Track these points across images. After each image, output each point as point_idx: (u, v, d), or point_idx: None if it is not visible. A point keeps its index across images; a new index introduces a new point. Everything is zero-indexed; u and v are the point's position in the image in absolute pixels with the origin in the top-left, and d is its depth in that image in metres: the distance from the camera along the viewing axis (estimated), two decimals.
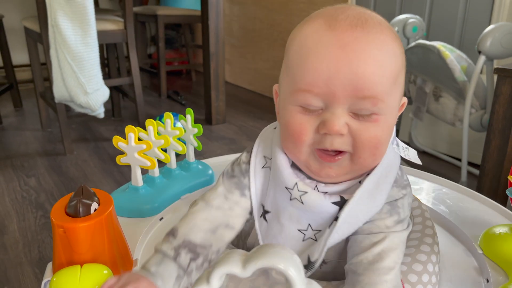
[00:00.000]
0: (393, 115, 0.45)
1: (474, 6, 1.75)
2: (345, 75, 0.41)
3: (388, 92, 0.43)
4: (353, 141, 0.43)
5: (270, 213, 0.50)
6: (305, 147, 0.45)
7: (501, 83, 1.18)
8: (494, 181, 1.21)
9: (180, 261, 0.46)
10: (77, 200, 0.47)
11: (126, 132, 0.65)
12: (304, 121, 0.44)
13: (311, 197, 0.46)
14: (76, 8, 1.64)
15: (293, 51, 0.45)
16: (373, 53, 0.41)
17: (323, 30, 0.42)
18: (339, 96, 0.42)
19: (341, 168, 0.45)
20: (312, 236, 0.48)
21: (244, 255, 0.31)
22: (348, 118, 0.43)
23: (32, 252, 1.23)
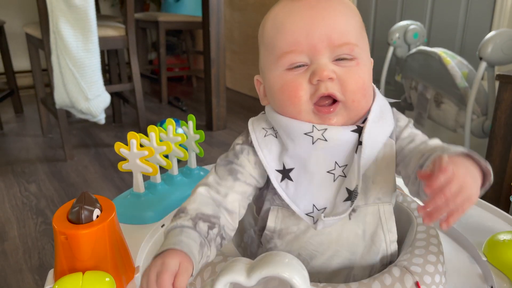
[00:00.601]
0: (368, 59, 0.52)
1: (475, 13, 1.76)
2: (321, 29, 0.47)
3: (359, 39, 0.50)
4: (342, 86, 0.48)
5: (295, 169, 0.51)
6: (303, 104, 0.49)
7: (503, 90, 1.18)
8: (497, 188, 1.21)
9: (199, 229, 0.47)
10: (79, 207, 0.47)
11: (128, 138, 0.65)
12: (295, 78, 0.49)
13: (332, 131, 0.49)
14: (78, 14, 1.64)
15: (268, 28, 0.51)
16: (339, 8, 0.49)
17: (289, 3, 0.50)
18: (320, 48, 0.48)
19: (339, 117, 0.49)
20: (341, 173, 0.51)
21: (249, 263, 0.31)
22: (333, 66, 0.48)
23: (32, 259, 1.22)
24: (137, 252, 0.59)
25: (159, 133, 0.72)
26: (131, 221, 0.67)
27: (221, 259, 0.52)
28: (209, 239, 0.47)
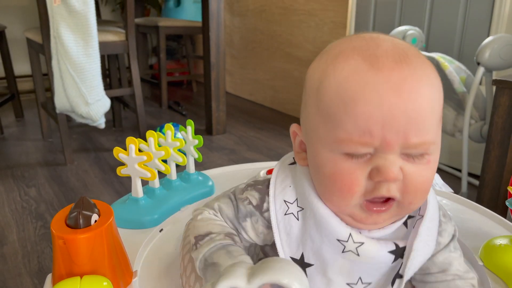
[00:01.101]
0: (439, 152, 0.42)
1: (473, 18, 1.77)
2: (400, 122, 0.37)
3: (437, 131, 0.40)
4: (404, 186, 0.39)
5: (313, 267, 0.45)
6: (355, 200, 0.40)
7: (499, 95, 1.18)
8: (494, 192, 1.21)
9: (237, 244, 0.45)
10: (77, 212, 0.48)
11: (127, 143, 0.66)
12: (353, 169, 0.39)
13: (368, 247, 0.42)
14: (79, 19, 1.66)
15: (331, 95, 0.40)
16: (425, 94, 0.38)
17: (365, 71, 0.38)
18: (393, 143, 0.38)
19: (388, 215, 0.42)
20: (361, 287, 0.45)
21: (250, 268, 0.31)
22: (401, 162, 0.39)
23: (32, 263, 1.22)
24: (135, 257, 0.59)
25: (157, 138, 0.73)
26: (129, 225, 0.67)
27: None
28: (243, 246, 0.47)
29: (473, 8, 1.76)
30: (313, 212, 0.44)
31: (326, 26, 2.38)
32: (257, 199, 0.47)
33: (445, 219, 0.47)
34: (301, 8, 2.52)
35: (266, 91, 2.96)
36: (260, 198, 0.47)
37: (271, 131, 2.44)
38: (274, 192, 0.47)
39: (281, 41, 2.72)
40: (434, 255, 0.46)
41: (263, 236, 0.48)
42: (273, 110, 2.89)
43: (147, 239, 0.64)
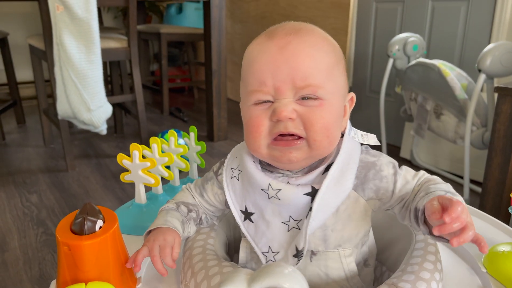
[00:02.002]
0: (336, 101, 0.52)
1: (474, 25, 1.78)
2: (285, 71, 0.49)
3: (324, 81, 0.50)
4: (304, 124, 0.50)
5: (255, 214, 0.56)
6: (263, 139, 0.51)
7: (501, 102, 1.18)
8: (497, 199, 1.21)
9: (180, 210, 0.60)
10: (82, 218, 0.48)
11: (131, 150, 0.66)
12: (259, 113, 0.51)
13: (285, 192, 0.52)
14: (81, 26, 1.67)
15: (244, 62, 0.54)
16: (305, 51, 0.50)
17: (264, 41, 0.52)
18: (283, 89, 0.49)
19: (300, 152, 0.51)
20: (295, 225, 0.54)
21: (250, 274, 0.31)
22: (296, 105, 0.50)
23: (33, 270, 1.22)
24: None
25: (161, 145, 0.73)
26: (133, 231, 0.67)
27: (215, 263, 0.52)
28: (189, 218, 0.60)
29: (473, 15, 1.77)
30: (246, 172, 0.56)
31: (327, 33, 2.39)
32: (216, 167, 0.63)
33: (375, 158, 0.55)
34: (302, 15, 2.53)
35: None
36: (218, 167, 0.62)
37: None
38: (227, 162, 0.60)
39: None
40: (394, 188, 0.54)
41: (218, 196, 0.61)
42: None
43: None
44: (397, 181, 0.54)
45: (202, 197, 0.62)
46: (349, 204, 0.54)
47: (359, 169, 0.54)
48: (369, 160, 0.55)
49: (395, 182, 0.54)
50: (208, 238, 0.59)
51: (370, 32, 2.21)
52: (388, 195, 0.54)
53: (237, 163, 0.59)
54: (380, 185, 0.54)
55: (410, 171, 0.56)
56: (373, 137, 0.60)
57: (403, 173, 0.55)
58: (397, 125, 2.13)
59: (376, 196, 0.54)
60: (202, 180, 0.64)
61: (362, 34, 2.25)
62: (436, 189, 0.51)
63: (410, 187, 0.54)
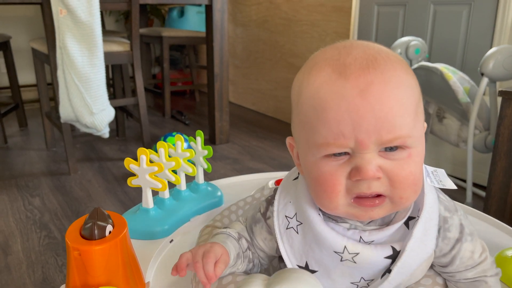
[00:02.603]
0: (422, 145, 0.45)
1: (476, 29, 1.78)
2: (369, 122, 0.40)
3: (413, 126, 0.42)
4: (390, 182, 0.42)
5: (318, 272, 0.49)
6: (341, 199, 0.43)
7: (505, 106, 1.19)
8: (501, 203, 1.21)
9: (241, 243, 0.52)
10: (92, 223, 0.48)
11: (138, 154, 0.66)
12: (334, 170, 0.42)
13: (364, 255, 0.45)
14: (84, 30, 1.67)
15: (306, 105, 0.44)
16: (392, 94, 0.41)
17: (334, 80, 0.41)
18: (367, 142, 0.40)
19: (383, 210, 0.44)
20: (365, 285, 0.48)
21: (266, 279, 0.31)
22: (380, 160, 0.42)
23: (36, 273, 1.22)
24: (147, 268, 0.59)
25: (168, 149, 0.73)
26: (140, 236, 0.67)
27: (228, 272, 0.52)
28: (245, 255, 0.53)
29: (475, 19, 1.77)
30: (310, 228, 0.47)
31: (329, 37, 2.39)
32: (264, 207, 0.53)
33: (449, 213, 0.48)
34: (304, 19, 2.54)
35: (269, 101, 2.97)
36: (265, 207, 0.53)
37: (274, 140, 2.44)
38: (278, 207, 0.51)
39: (283, 51, 2.74)
40: (450, 250, 0.47)
41: (267, 242, 0.53)
42: (276, 119, 2.90)
43: (158, 250, 0.64)
44: (454, 249, 0.47)
45: (252, 239, 0.54)
46: (424, 265, 0.48)
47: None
48: (443, 215, 0.48)
49: (452, 248, 0.47)
50: None
51: (372, 35, 2.21)
52: (439, 255, 0.48)
53: (293, 211, 0.50)
54: (440, 244, 0.47)
55: (476, 246, 0.49)
56: (443, 174, 0.53)
57: (465, 246, 0.48)
58: None
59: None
60: (250, 220, 0.55)
61: (364, 38, 2.26)
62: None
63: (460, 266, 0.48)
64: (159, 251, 0.64)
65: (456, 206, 0.50)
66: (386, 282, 0.45)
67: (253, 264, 0.54)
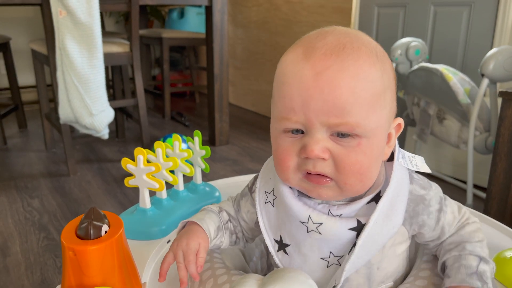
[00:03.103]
0: (378, 138, 0.45)
1: (476, 30, 1.78)
2: (318, 103, 0.42)
3: (364, 117, 0.43)
4: (335, 166, 0.44)
5: (290, 246, 0.51)
6: (291, 173, 0.46)
7: (506, 107, 1.18)
8: (501, 204, 1.21)
9: (221, 216, 0.56)
10: (87, 222, 0.47)
11: (135, 154, 0.66)
12: (287, 145, 0.46)
13: (327, 226, 0.47)
14: (84, 31, 1.67)
15: (275, 79, 0.47)
16: (345, 82, 0.42)
17: (299, 60, 0.44)
18: (314, 122, 0.43)
19: (330, 191, 0.46)
20: (336, 261, 0.49)
21: (260, 279, 0.31)
22: (330, 143, 0.44)
23: (35, 275, 1.21)
24: (144, 268, 0.58)
25: (165, 149, 0.73)
26: (137, 236, 0.67)
27: (224, 272, 0.52)
28: (226, 227, 0.56)
29: (476, 20, 1.77)
30: (281, 199, 0.50)
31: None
32: (251, 183, 0.58)
33: (425, 190, 0.50)
34: (304, 19, 2.54)
35: (269, 102, 2.94)
36: (252, 182, 0.58)
37: None
38: (260, 183, 0.55)
39: (284, 52, 2.73)
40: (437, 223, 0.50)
41: (249, 215, 0.57)
42: None
43: (155, 250, 0.63)
44: (440, 219, 0.51)
45: (238, 212, 0.58)
46: (396, 240, 0.50)
47: (408, 202, 0.49)
48: (419, 193, 0.50)
49: (438, 220, 0.50)
50: None
51: (372, 36, 2.20)
52: (428, 232, 0.51)
53: (271, 187, 0.53)
54: (426, 221, 0.50)
55: (454, 207, 0.53)
56: (421, 160, 0.55)
57: (448, 211, 0.51)
58: None
59: (419, 230, 0.51)
60: (239, 196, 0.60)
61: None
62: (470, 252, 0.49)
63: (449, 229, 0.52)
64: (156, 252, 0.64)
65: (429, 182, 0.52)
66: (353, 257, 0.46)
67: (236, 236, 0.58)
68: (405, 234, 0.50)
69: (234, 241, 0.58)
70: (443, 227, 0.51)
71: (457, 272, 0.47)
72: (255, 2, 2.92)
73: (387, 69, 0.46)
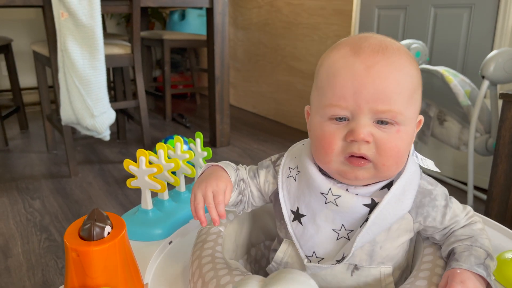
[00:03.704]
0: (411, 127, 0.52)
1: (476, 32, 1.78)
2: (369, 91, 0.48)
3: (405, 106, 0.50)
4: (377, 149, 0.49)
5: (306, 216, 0.56)
6: (335, 156, 0.51)
7: (506, 108, 1.18)
8: (502, 206, 1.21)
9: (238, 173, 0.60)
10: (90, 224, 0.48)
11: (137, 155, 0.66)
12: (333, 131, 0.51)
13: (345, 199, 0.52)
14: (85, 33, 1.67)
15: (323, 73, 0.53)
16: (392, 74, 0.49)
17: (349, 56, 0.50)
18: (363, 108, 0.48)
19: (367, 172, 0.51)
20: (345, 235, 0.54)
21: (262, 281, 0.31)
22: (373, 128, 0.49)
23: (36, 276, 1.22)
24: (146, 269, 0.59)
25: (167, 151, 0.73)
26: (139, 237, 0.67)
27: (226, 272, 0.52)
28: (238, 184, 0.60)
29: (476, 22, 1.77)
30: (305, 174, 0.56)
31: (330, 40, 2.40)
32: (275, 157, 0.62)
33: (432, 186, 0.56)
34: (305, 22, 2.54)
35: (270, 103, 2.97)
36: (277, 157, 0.62)
37: (275, 143, 2.44)
38: (285, 160, 0.60)
39: (284, 54, 2.74)
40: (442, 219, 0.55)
41: (268, 185, 0.61)
42: (276, 122, 2.90)
43: (157, 251, 0.64)
44: (447, 214, 0.55)
45: (253, 179, 0.61)
46: (402, 224, 0.54)
47: (416, 193, 0.54)
48: (427, 188, 0.55)
49: (444, 214, 0.55)
50: (216, 245, 0.58)
51: None
52: (434, 224, 0.55)
53: (295, 164, 0.59)
54: (430, 213, 0.55)
55: (458, 205, 0.57)
56: (432, 163, 0.60)
57: (453, 207, 0.56)
58: None
59: (424, 222, 0.55)
60: (256, 167, 0.63)
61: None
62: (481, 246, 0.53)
63: (458, 220, 0.56)
64: (158, 253, 0.64)
65: (436, 182, 0.58)
66: (364, 231, 0.51)
67: (241, 198, 0.61)
68: (410, 223, 0.55)
69: (238, 202, 0.61)
70: (452, 218, 0.55)
71: (467, 259, 0.50)
72: (255, 4, 2.93)
73: (419, 70, 0.54)
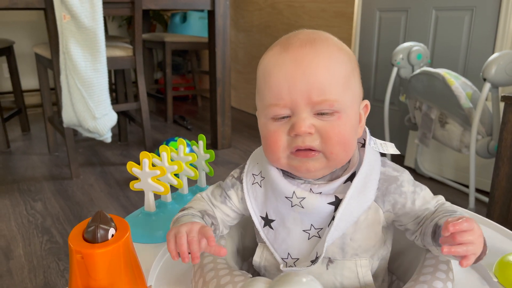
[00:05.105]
0: (353, 112, 0.53)
1: (478, 34, 1.78)
2: (301, 84, 0.49)
3: (341, 93, 0.51)
4: (321, 138, 0.51)
5: (275, 221, 0.57)
6: (282, 152, 0.52)
7: (508, 111, 1.19)
8: (504, 208, 1.21)
9: (206, 220, 0.57)
10: (95, 226, 0.48)
11: (141, 158, 0.66)
12: (277, 128, 0.52)
13: (309, 200, 0.53)
14: (87, 35, 1.68)
15: (260, 74, 0.55)
16: (321, 64, 0.50)
17: (279, 53, 0.52)
18: (300, 103, 0.50)
19: (318, 163, 0.52)
20: (316, 234, 0.55)
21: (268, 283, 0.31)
22: (314, 120, 0.50)
23: (38, 278, 1.22)
24: (149, 272, 0.59)
25: (170, 153, 0.73)
26: (142, 240, 0.67)
27: (227, 272, 0.52)
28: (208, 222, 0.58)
29: (477, 24, 1.77)
30: (269, 179, 0.56)
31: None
32: (238, 173, 0.62)
33: (398, 172, 0.57)
34: (306, 24, 2.55)
35: None
36: (240, 172, 0.62)
37: None
38: (248, 168, 0.61)
39: None
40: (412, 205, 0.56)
41: (243, 202, 0.60)
42: None
43: (160, 253, 0.64)
44: (416, 200, 0.56)
45: (225, 204, 0.61)
46: (369, 215, 0.55)
47: (381, 181, 0.55)
48: (392, 174, 0.56)
49: (413, 200, 0.55)
50: None
51: (374, 41, 2.22)
52: (404, 211, 0.56)
53: (258, 170, 0.59)
54: (398, 200, 0.55)
55: (429, 193, 0.58)
56: (392, 145, 0.60)
57: (422, 194, 0.56)
58: (401, 134, 2.13)
59: (393, 210, 0.56)
60: (221, 189, 0.62)
61: (366, 43, 2.26)
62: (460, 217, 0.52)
63: (429, 207, 0.56)
64: (161, 255, 0.64)
65: (402, 168, 0.58)
66: (333, 228, 0.52)
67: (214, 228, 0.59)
68: (378, 211, 0.55)
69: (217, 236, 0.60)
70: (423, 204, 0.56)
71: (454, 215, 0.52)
72: (257, 6, 2.93)
73: (352, 54, 0.55)
